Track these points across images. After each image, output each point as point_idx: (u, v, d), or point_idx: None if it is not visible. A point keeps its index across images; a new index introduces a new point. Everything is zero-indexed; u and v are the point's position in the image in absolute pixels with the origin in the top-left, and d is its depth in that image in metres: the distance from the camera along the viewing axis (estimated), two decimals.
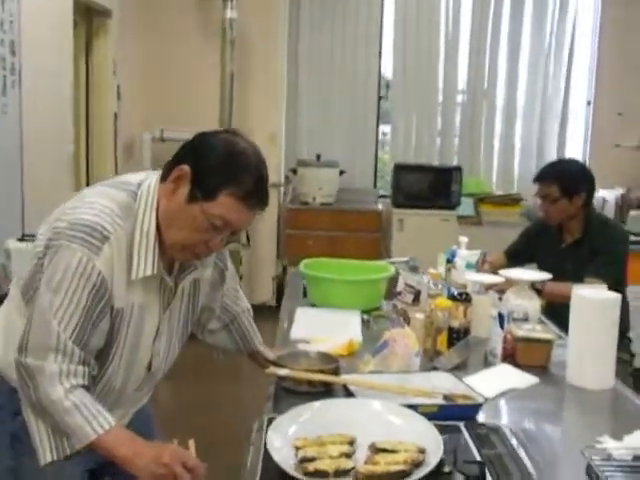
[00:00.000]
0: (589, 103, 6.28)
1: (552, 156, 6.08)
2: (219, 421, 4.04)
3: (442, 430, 1.58)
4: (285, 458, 1.48)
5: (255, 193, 1.64)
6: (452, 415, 1.85)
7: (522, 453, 1.69)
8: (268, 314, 3.87)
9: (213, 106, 5.61)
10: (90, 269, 1.59)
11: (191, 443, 1.61)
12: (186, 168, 1.63)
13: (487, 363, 2.36)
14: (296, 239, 5.89)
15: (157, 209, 1.67)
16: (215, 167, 1.62)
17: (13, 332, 1.67)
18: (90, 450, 1.59)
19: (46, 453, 1.60)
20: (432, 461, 1.46)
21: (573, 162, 3.63)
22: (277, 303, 5.60)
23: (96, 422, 1.57)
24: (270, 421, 1.73)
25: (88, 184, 4.65)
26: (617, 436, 1.78)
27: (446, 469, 1.53)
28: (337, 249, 5.47)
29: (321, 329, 2.55)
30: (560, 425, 2.07)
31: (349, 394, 1.95)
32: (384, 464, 1.45)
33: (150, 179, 1.71)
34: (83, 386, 1.61)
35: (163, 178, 1.69)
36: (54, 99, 4.09)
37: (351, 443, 1.55)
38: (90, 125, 5.02)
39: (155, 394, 2.04)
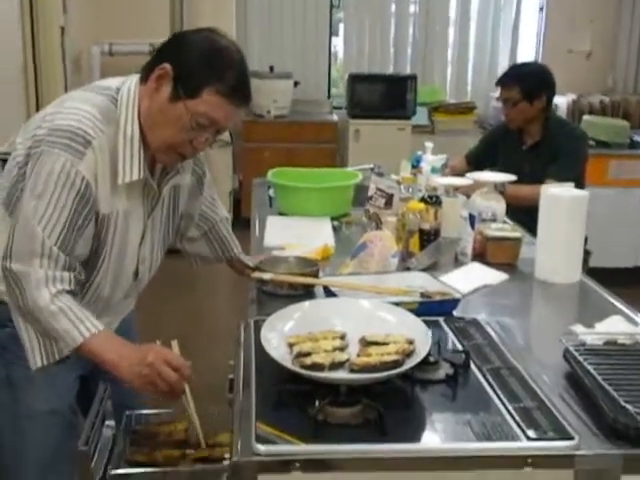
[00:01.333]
0: (541, 9, 6.28)
1: (505, 64, 6.10)
2: (202, 327, 4.14)
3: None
4: (281, 354, 1.53)
5: (239, 89, 1.63)
6: (431, 311, 1.92)
7: (499, 343, 1.77)
8: None
9: (163, 17, 5.46)
10: (74, 174, 1.57)
11: (174, 343, 1.65)
12: (168, 67, 1.61)
13: (458, 263, 2.43)
14: (252, 152, 5.86)
15: (139, 112, 1.65)
16: (198, 64, 1.61)
17: None
18: (79, 355, 1.61)
19: (36, 358, 1.62)
20: (422, 350, 1.52)
21: (535, 65, 3.67)
22: (234, 217, 5.60)
23: (83, 326, 1.58)
24: (256, 323, 1.78)
25: (38, 101, 4.52)
26: (588, 325, 1.88)
27: (432, 359, 1.60)
28: (294, 161, 5.38)
29: (294, 236, 2.59)
30: (533, 317, 2.16)
31: (330, 295, 2.00)
32: (376, 355, 1.50)
33: (130, 82, 1.68)
34: (70, 292, 1.61)
35: (143, 80, 1.66)
36: None
37: (342, 337, 1.60)
38: (36, 40, 4.84)
39: (137, 304, 2.06)
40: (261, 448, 1.31)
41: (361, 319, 1.67)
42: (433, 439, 1.37)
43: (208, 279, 4.07)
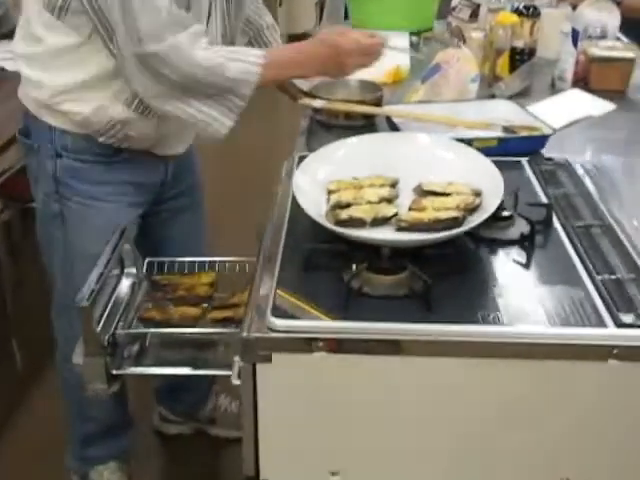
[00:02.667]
0: None
1: None
2: (250, 162, 3.83)
3: (501, 167, 1.33)
4: (316, 204, 1.26)
5: None
6: (513, 150, 1.59)
7: (595, 193, 1.44)
8: None
9: None
10: None
11: None
12: None
13: (555, 89, 2.07)
14: None
15: None
16: None
17: (53, 64, 1.50)
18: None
19: (223, 124, 1.47)
20: (490, 205, 1.21)
21: None
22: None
23: (252, 57, 1.46)
24: (302, 160, 1.50)
25: None
26: None
27: (505, 213, 1.29)
28: None
29: None
30: None
31: (393, 128, 1.68)
32: (432, 210, 1.21)
33: None
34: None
35: None
36: None
37: (393, 186, 1.30)
38: None
39: None
40: (277, 322, 1.07)
41: (420, 161, 1.36)
42: (492, 320, 1.09)
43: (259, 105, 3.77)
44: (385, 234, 1.18)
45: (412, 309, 1.10)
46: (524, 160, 1.57)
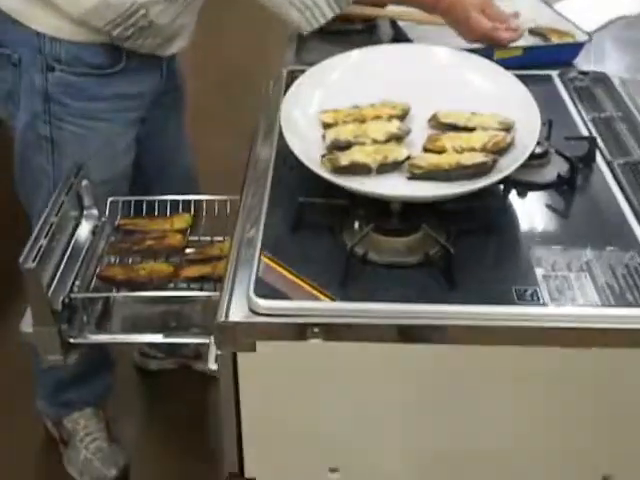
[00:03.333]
0: None
1: None
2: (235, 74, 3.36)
3: (526, 83, 1.09)
4: (308, 142, 1.02)
5: None
6: (541, 60, 1.35)
7: None
8: None
9: None
10: None
11: None
12: None
13: None
14: None
15: None
16: None
17: None
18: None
19: (324, 14, 1.27)
20: (525, 145, 0.97)
21: None
22: None
23: None
24: (291, 76, 1.25)
25: None
26: None
27: (539, 150, 1.06)
28: None
29: None
30: None
31: (398, 35, 1.42)
32: (453, 151, 0.98)
33: None
34: None
35: None
36: None
37: (403, 115, 1.06)
38: None
39: None
40: (262, 303, 0.85)
41: (434, 83, 1.11)
42: (530, 297, 0.87)
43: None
44: (396, 185, 0.95)
45: (429, 282, 0.88)
46: (554, 74, 1.32)
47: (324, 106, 1.08)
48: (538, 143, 1.04)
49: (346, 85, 1.11)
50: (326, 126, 1.04)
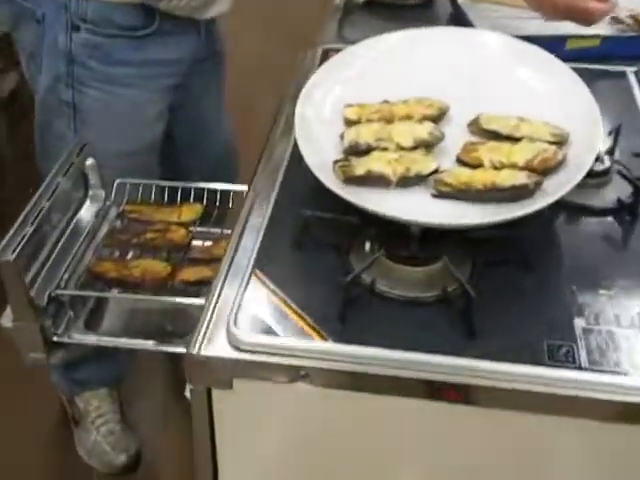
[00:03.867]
0: None
1: None
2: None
3: (597, 81, 0.92)
4: (326, 141, 0.87)
5: None
6: (621, 53, 1.17)
7: None
8: None
9: None
10: None
11: None
12: None
13: None
14: None
15: None
16: None
17: None
18: None
19: None
20: (580, 163, 0.81)
21: None
22: None
23: None
24: (326, 55, 1.11)
25: None
26: None
27: (599, 167, 0.89)
28: None
29: None
30: None
31: (458, 17, 1.25)
32: (489, 165, 0.82)
33: None
34: None
35: None
36: None
37: (439, 116, 0.90)
38: None
39: None
40: (244, 338, 0.73)
41: (483, 77, 0.95)
42: (565, 356, 0.72)
43: None
44: (417, 204, 0.80)
45: (444, 326, 0.74)
46: (629, 71, 1.14)
47: (351, 98, 0.93)
48: (597, 158, 0.88)
49: (378, 76, 0.96)
50: (348, 123, 0.90)
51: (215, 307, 0.77)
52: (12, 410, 1.75)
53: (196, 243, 1.11)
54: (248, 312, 0.75)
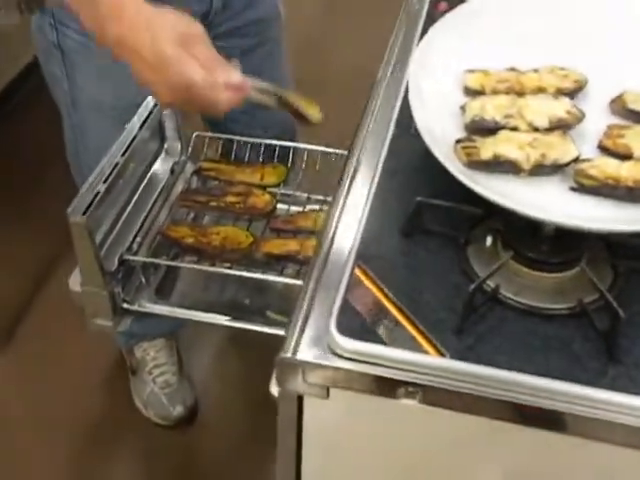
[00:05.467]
0: None
1: None
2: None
3: None
4: (442, 113, 0.76)
5: None
6: None
7: None
8: None
9: None
10: None
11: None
12: None
13: None
14: None
15: None
16: None
17: None
18: None
19: None
20: None
21: None
22: None
23: None
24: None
25: None
26: None
27: None
28: None
29: None
30: None
31: None
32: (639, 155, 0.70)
33: None
34: None
35: None
36: None
37: (575, 92, 0.78)
38: None
39: None
40: (345, 344, 0.63)
41: (632, 44, 0.82)
42: None
43: None
44: (553, 198, 0.68)
45: (578, 345, 0.63)
46: None
47: (471, 63, 0.81)
48: None
49: (505, 36, 0.83)
50: (469, 92, 0.78)
51: (312, 304, 0.67)
52: (66, 360, 1.71)
53: (280, 207, 1.01)
54: (349, 314, 0.65)
